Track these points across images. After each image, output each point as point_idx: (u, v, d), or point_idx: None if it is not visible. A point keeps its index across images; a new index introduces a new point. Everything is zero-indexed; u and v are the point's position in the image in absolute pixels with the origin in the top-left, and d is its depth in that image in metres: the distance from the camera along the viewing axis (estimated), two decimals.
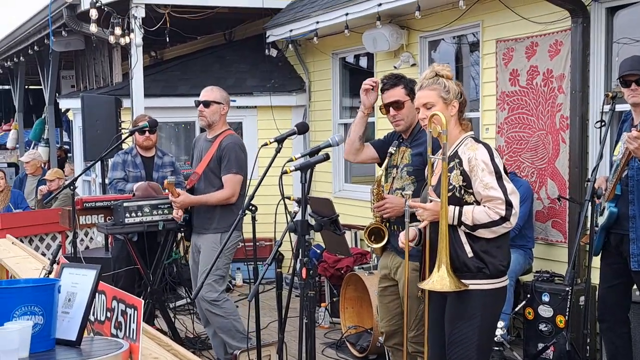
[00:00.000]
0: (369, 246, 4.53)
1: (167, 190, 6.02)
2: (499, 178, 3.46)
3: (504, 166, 3.56)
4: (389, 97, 4.37)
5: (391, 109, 4.36)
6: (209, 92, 5.62)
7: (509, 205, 3.42)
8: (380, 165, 4.68)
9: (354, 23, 8.17)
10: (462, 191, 3.51)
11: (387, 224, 4.38)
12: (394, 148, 4.39)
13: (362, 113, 4.51)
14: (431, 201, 3.54)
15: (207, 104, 5.57)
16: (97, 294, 2.68)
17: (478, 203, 3.49)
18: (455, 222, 3.46)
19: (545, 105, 6.44)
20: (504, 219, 3.42)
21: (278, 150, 4.50)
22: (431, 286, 3.47)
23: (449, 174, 3.52)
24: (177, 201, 5.52)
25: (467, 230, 3.46)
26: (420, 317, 4.11)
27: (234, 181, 5.45)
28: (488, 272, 3.49)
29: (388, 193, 4.35)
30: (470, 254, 3.48)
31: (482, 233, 3.45)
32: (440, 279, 3.42)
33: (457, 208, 3.46)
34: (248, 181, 5.35)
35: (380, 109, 4.47)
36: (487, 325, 3.56)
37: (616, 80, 4.61)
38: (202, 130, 10.19)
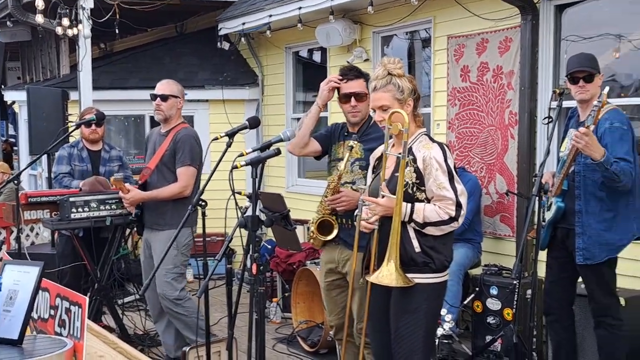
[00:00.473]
0: (312, 239, 4.51)
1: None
2: (451, 178, 3.49)
3: (454, 165, 3.58)
4: (352, 87, 4.38)
5: (353, 99, 4.36)
6: (166, 86, 5.54)
7: (458, 206, 3.47)
8: (317, 158, 4.70)
9: (307, 17, 8.15)
10: (415, 188, 3.53)
11: (336, 218, 4.38)
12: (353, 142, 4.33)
13: (318, 108, 4.50)
14: (384, 196, 3.54)
15: (164, 97, 5.48)
16: (40, 291, 2.62)
17: (428, 200, 3.52)
18: (407, 219, 3.48)
19: (495, 101, 6.51)
20: (453, 219, 3.47)
21: (229, 145, 4.45)
22: (379, 280, 3.48)
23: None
24: (127, 198, 5.44)
25: (417, 227, 3.48)
26: None
27: (187, 174, 5.36)
28: (434, 266, 3.54)
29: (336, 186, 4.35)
30: (417, 249, 3.52)
31: (430, 230, 3.49)
32: (388, 274, 3.43)
33: (410, 205, 3.48)
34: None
35: (339, 98, 4.45)
36: (431, 318, 3.62)
37: (564, 77, 4.68)
38: (154, 123, 10.14)
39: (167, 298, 5.43)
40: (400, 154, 3.50)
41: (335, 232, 4.38)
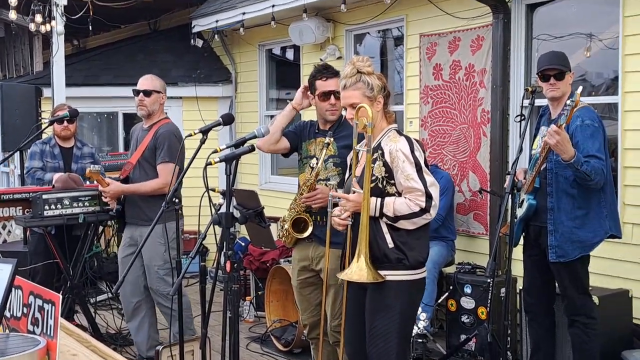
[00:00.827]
0: (284, 237, 4.50)
1: (90, 182, 5.89)
2: (419, 170, 3.50)
3: (425, 159, 3.60)
4: (331, 85, 4.38)
5: (332, 97, 4.37)
6: (149, 81, 5.52)
7: (428, 197, 3.47)
8: (285, 156, 4.72)
9: (281, 15, 8.14)
10: (385, 182, 3.55)
11: (311, 215, 4.39)
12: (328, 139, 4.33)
13: (293, 108, 4.51)
14: (355, 192, 3.56)
15: (147, 93, 5.47)
16: (13, 289, 2.60)
17: (399, 194, 3.53)
18: (377, 214, 3.49)
19: (467, 99, 6.55)
20: (424, 211, 3.47)
21: (203, 142, 4.44)
22: (349, 277, 3.50)
23: (372, 165, 3.55)
24: (107, 190, 5.40)
25: (389, 222, 3.50)
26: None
27: (166, 170, 5.31)
28: (407, 263, 3.54)
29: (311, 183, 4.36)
30: (390, 245, 3.52)
31: (403, 224, 3.50)
32: (358, 270, 3.45)
33: (379, 199, 3.50)
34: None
35: (317, 96, 4.45)
36: (406, 316, 3.61)
37: (535, 74, 4.72)
38: (127, 120, 10.09)
39: (160, 294, 5.42)
40: (367, 149, 3.53)
41: (310, 229, 4.38)
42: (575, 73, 4.64)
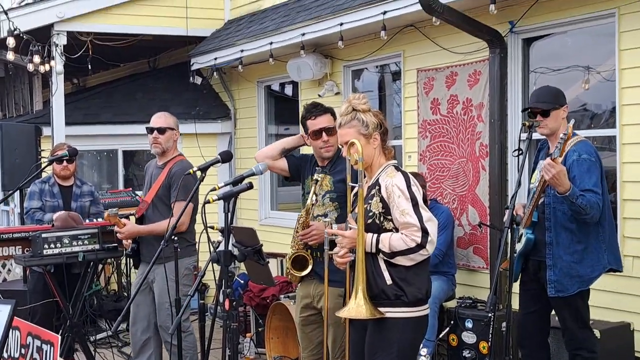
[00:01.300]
0: (289, 274, 4.51)
1: (90, 220, 5.88)
2: (414, 205, 3.49)
3: (424, 194, 3.60)
4: (321, 122, 4.42)
5: (324, 134, 4.39)
6: (163, 119, 5.52)
7: (424, 232, 3.44)
8: (286, 179, 4.75)
9: (279, 52, 8.21)
10: (382, 218, 3.55)
11: (311, 252, 4.39)
12: (317, 175, 4.37)
13: (303, 140, 4.56)
14: (351, 229, 3.56)
15: (162, 130, 5.45)
16: (11, 329, 2.60)
17: (397, 230, 3.53)
18: (373, 250, 3.49)
19: (465, 133, 6.57)
20: (420, 246, 3.44)
21: (201, 179, 4.46)
22: (347, 314, 3.48)
23: (369, 201, 3.57)
24: (123, 232, 5.37)
25: (386, 258, 3.49)
26: (344, 345, 4.11)
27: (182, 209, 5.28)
28: (406, 299, 3.51)
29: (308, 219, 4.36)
30: (389, 282, 3.51)
31: (400, 260, 3.48)
32: (356, 307, 3.44)
33: (375, 235, 3.49)
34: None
35: (309, 136, 4.48)
36: (405, 354, 3.57)
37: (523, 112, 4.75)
38: (126, 158, 10.11)
39: (168, 331, 5.36)
40: (359, 184, 3.55)
41: (309, 267, 4.38)
42: (571, 106, 4.65)
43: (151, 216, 5.45)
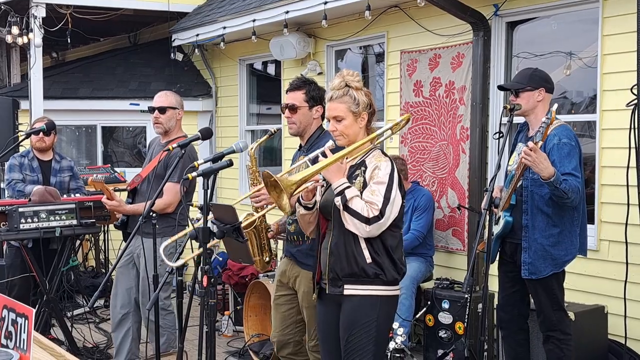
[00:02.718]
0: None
1: (72, 195, 5.83)
2: (387, 190, 3.48)
3: (400, 180, 3.58)
4: (288, 98, 4.40)
5: (287, 110, 4.37)
6: (164, 97, 5.41)
7: (380, 214, 3.44)
8: None
9: (262, 30, 8.16)
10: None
11: (289, 236, 4.36)
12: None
13: None
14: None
15: (162, 109, 5.34)
16: None
17: None
18: (342, 188, 3.47)
19: (447, 116, 6.58)
20: (368, 221, 3.43)
21: (181, 156, 4.44)
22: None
23: (353, 181, 3.56)
24: (110, 205, 5.30)
25: (338, 204, 3.48)
26: None
27: (173, 190, 5.19)
28: (385, 278, 3.54)
29: None
30: (368, 260, 3.52)
31: (344, 217, 3.47)
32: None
33: (351, 187, 3.49)
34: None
35: (281, 107, 4.48)
36: (382, 332, 3.61)
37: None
38: (105, 134, 10.04)
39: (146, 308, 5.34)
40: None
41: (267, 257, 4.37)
42: (542, 89, 4.63)
43: (144, 192, 5.38)
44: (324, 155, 3.59)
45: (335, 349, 3.70)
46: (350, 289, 3.57)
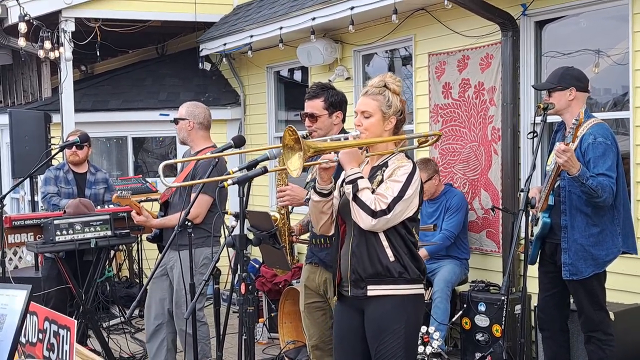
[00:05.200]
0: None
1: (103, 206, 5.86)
2: (401, 190, 3.43)
3: (421, 184, 3.55)
4: (307, 107, 4.39)
5: (307, 119, 4.37)
6: (180, 109, 5.47)
7: (389, 208, 3.39)
8: None
9: (289, 37, 8.18)
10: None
11: (315, 239, 4.34)
12: None
13: None
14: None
15: (175, 120, 5.42)
16: (28, 315, 2.60)
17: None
18: (355, 177, 3.43)
19: (477, 117, 6.54)
20: (374, 214, 3.37)
21: (214, 165, 4.46)
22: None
23: (373, 181, 3.52)
24: (138, 220, 5.33)
25: (348, 191, 3.44)
26: None
27: (200, 202, 5.16)
28: (408, 276, 3.47)
29: None
30: (392, 258, 3.46)
31: (352, 207, 3.42)
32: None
33: (364, 179, 3.45)
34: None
35: (300, 115, 4.48)
36: (412, 334, 3.53)
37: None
38: (136, 145, 10.11)
39: (183, 317, 5.34)
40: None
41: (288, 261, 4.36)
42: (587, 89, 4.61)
43: (176, 203, 5.40)
44: (346, 139, 3.56)
45: (351, 355, 3.64)
46: (374, 290, 3.49)
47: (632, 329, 5.14)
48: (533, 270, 4.85)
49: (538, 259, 4.69)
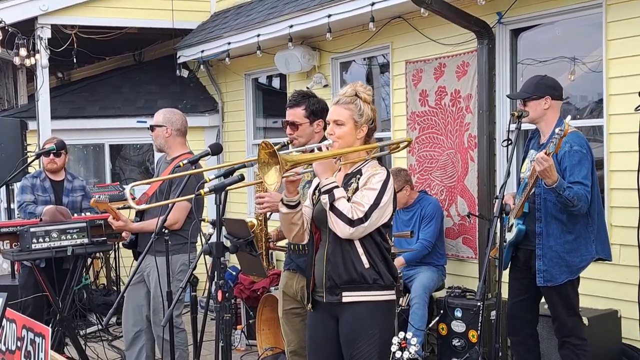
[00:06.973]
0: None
1: (80, 214, 5.84)
2: (377, 197, 3.47)
3: (394, 193, 3.59)
4: (288, 115, 4.40)
5: (288, 127, 4.39)
6: (155, 116, 5.45)
7: (365, 216, 3.42)
8: None
9: (266, 44, 8.20)
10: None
11: (293, 246, 4.35)
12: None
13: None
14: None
15: (152, 127, 5.40)
16: (8, 322, 2.60)
17: None
18: (330, 186, 3.46)
19: (453, 124, 6.59)
20: (351, 222, 3.41)
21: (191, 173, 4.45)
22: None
23: (348, 188, 3.55)
24: (116, 225, 5.31)
25: (325, 201, 3.46)
26: None
27: (178, 208, 5.18)
28: (382, 283, 3.52)
29: None
30: (366, 265, 3.50)
31: (329, 217, 3.45)
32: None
33: (340, 188, 3.48)
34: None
35: (282, 123, 4.49)
36: (386, 339, 3.51)
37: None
38: (113, 152, 10.07)
39: (161, 325, 5.32)
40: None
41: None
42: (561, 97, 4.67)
43: (152, 209, 5.39)
44: (319, 149, 3.59)
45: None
46: (348, 296, 3.52)
47: (606, 334, 5.20)
48: (507, 276, 4.89)
49: (510, 264, 4.74)
